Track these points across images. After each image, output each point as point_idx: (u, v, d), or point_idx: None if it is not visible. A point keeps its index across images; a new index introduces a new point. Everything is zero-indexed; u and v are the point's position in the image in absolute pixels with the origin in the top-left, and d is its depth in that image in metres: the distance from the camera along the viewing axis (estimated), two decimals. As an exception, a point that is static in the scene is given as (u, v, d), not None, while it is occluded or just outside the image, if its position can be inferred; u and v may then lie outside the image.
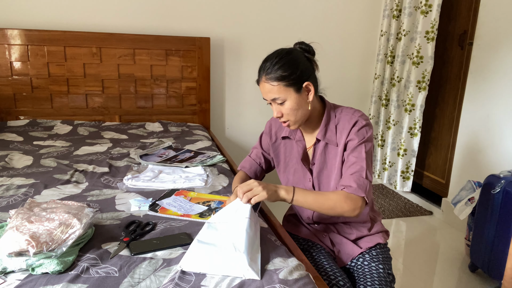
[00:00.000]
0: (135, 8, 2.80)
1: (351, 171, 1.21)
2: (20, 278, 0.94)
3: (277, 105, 1.24)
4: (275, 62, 1.20)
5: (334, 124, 1.29)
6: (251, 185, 1.14)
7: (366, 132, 1.24)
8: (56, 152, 2.04)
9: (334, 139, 1.28)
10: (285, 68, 1.20)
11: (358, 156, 1.22)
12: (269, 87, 1.22)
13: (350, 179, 1.20)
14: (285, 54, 1.22)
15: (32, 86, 2.63)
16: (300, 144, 1.36)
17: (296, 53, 1.24)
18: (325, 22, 3.20)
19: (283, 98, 1.21)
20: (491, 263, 1.96)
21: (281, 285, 0.93)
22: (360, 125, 1.25)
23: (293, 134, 1.37)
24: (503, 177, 1.94)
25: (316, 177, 1.33)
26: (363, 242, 1.35)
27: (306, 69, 1.24)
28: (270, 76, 1.20)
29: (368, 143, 1.24)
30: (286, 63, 1.20)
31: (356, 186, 1.18)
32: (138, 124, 2.76)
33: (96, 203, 1.41)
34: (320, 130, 1.29)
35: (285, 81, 1.20)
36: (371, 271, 1.25)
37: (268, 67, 1.21)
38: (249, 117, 3.23)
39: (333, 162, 1.30)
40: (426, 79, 2.85)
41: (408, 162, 3.04)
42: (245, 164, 1.51)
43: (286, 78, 1.20)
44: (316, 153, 1.33)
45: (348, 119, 1.27)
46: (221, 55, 3.05)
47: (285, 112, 1.24)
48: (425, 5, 2.76)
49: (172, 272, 0.98)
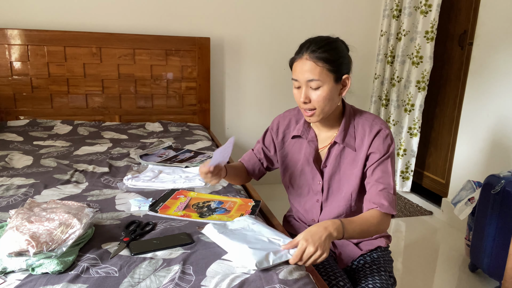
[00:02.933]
0: (135, 8, 2.80)
1: (380, 187, 1.19)
2: (20, 278, 0.94)
3: (308, 89, 1.17)
4: (324, 44, 1.15)
5: (353, 128, 1.25)
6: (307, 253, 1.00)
7: (390, 143, 1.22)
8: (56, 152, 2.04)
9: (352, 144, 1.24)
10: (333, 52, 1.15)
11: (385, 170, 1.20)
12: (311, 65, 1.14)
13: (380, 197, 1.18)
14: (333, 41, 1.18)
15: (32, 86, 2.63)
16: (312, 144, 1.31)
17: (341, 45, 1.21)
18: (325, 22, 3.20)
19: (321, 82, 1.15)
20: (491, 263, 1.96)
21: (281, 285, 0.93)
22: (384, 134, 1.21)
23: (306, 134, 1.32)
24: (503, 177, 1.94)
25: (327, 180, 1.29)
26: (364, 245, 1.35)
27: (349, 62, 1.22)
28: (316, 55, 1.14)
29: (393, 155, 1.23)
30: (335, 48, 1.16)
31: (388, 205, 1.17)
32: (138, 124, 2.76)
33: (96, 203, 1.41)
34: (339, 133, 1.25)
35: (330, 65, 1.14)
36: (372, 274, 1.25)
37: (315, 46, 1.15)
38: (249, 117, 3.23)
39: (349, 167, 1.26)
40: (426, 79, 2.84)
41: (408, 162, 3.04)
42: (245, 156, 1.47)
43: (332, 62, 1.14)
44: (330, 155, 1.28)
45: (369, 125, 1.23)
46: (221, 55, 3.05)
47: (316, 99, 1.16)
48: (425, 5, 2.76)
49: (172, 272, 0.98)
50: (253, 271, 0.99)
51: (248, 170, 1.45)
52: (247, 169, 1.45)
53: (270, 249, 1.04)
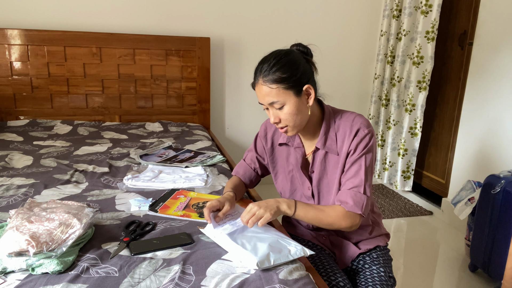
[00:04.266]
0: (135, 8, 2.80)
1: (349, 185, 1.19)
2: (20, 278, 0.94)
3: (274, 109, 1.17)
4: (273, 63, 1.13)
5: (334, 131, 1.23)
6: (252, 211, 1.11)
7: (367, 142, 1.19)
8: (56, 152, 2.04)
9: (334, 148, 1.23)
10: (284, 69, 1.12)
11: (358, 169, 1.19)
12: (266, 90, 1.14)
13: (347, 195, 1.17)
14: (284, 55, 1.15)
15: (32, 86, 2.63)
16: (299, 150, 1.30)
17: (295, 55, 1.17)
18: (325, 22, 3.20)
19: (282, 102, 1.14)
20: (491, 263, 1.96)
21: (281, 285, 0.94)
22: (362, 134, 1.19)
23: (292, 141, 1.31)
24: (503, 177, 1.94)
25: (316, 186, 1.29)
26: (363, 244, 1.35)
27: (306, 71, 1.17)
28: (268, 78, 1.13)
29: (368, 154, 1.20)
30: (285, 64, 1.13)
31: (352, 204, 1.16)
32: (138, 124, 2.76)
33: (96, 203, 1.41)
34: (320, 139, 1.24)
35: (285, 84, 1.13)
36: (372, 274, 1.25)
37: (265, 68, 1.14)
38: (249, 117, 3.23)
39: (334, 171, 1.25)
40: (427, 79, 2.85)
41: (409, 161, 3.05)
42: (239, 169, 1.44)
43: (286, 80, 1.12)
44: (315, 161, 1.27)
45: (349, 126, 1.21)
46: (221, 55, 3.05)
47: (284, 117, 1.16)
48: (425, 5, 2.76)
49: (172, 272, 0.98)
50: (254, 270, 0.99)
51: (246, 184, 1.44)
52: (244, 183, 1.44)
53: (271, 248, 1.04)
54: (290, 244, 1.08)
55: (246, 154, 1.45)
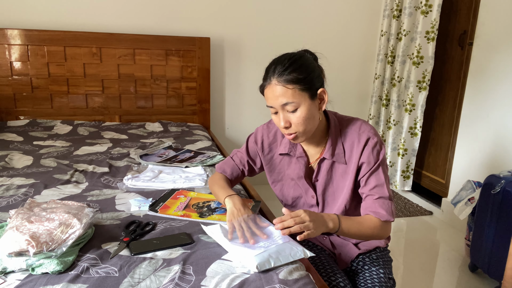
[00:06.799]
0: (135, 8, 2.80)
1: (375, 196, 1.19)
2: (20, 278, 0.94)
3: (286, 113, 1.12)
4: (288, 64, 1.10)
5: (341, 141, 1.22)
6: (303, 218, 1.04)
7: (379, 150, 1.19)
8: (56, 152, 2.04)
9: (342, 157, 1.21)
10: (301, 70, 1.09)
11: (378, 179, 1.19)
12: (281, 90, 1.09)
13: (377, 205, 1.18)
14: (298, 57, 1.12)
15: (32, 86, 2.63)
16: (301, 160, 1.26)
17: (308, 58, 1.16)
18: (326, 22, 3.20)
19: (296, 103, 1.10)
20: (491, 263, 1.96)
21: (281, 285, 0.93)
22: (373, 143, 1.18)
23: (294, 151, 1.27)
24: (503, 177, 1.94)
25: (321, 194, 1.28)
26: (362, 245, 1.34)
27: (319, 75, 1.16)
28: (284, 78, 1.09)
29: (383, 161, 1.21)
30: (301, 65, 1.10)
31: (385, 213, 1.17)
32: (138, 124, 2.76)
33: (96, 203, 1.41)
34: (327, 149, 1.22)
35: (301, 85, 1.09)
36: (371, 276, 1.25)
37: (280, 69, 1.10)
38: (249, 117, 3.22)
39: (341, 180, 1.24)
40: (427, 79, 2.85)
41: (409, 161, 3.05)
42: (227, 168, 1.40)
43: (302, 81, 1.09)
44: (321, 170, 1.25)
45: (357, 135, 1.20)
46: (221, 55, 3.05)
47: (295, 122, 1.12)
48: (425, 5, 2.76)
49: (172, 272, 0.98)
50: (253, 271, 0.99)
51: (232, 182, 1.42)
52: (230, 181, 1.41)
53: (271, 250, 1.04)
54: (291, 246, 1.08)
55: (235, 153, 1.42)
